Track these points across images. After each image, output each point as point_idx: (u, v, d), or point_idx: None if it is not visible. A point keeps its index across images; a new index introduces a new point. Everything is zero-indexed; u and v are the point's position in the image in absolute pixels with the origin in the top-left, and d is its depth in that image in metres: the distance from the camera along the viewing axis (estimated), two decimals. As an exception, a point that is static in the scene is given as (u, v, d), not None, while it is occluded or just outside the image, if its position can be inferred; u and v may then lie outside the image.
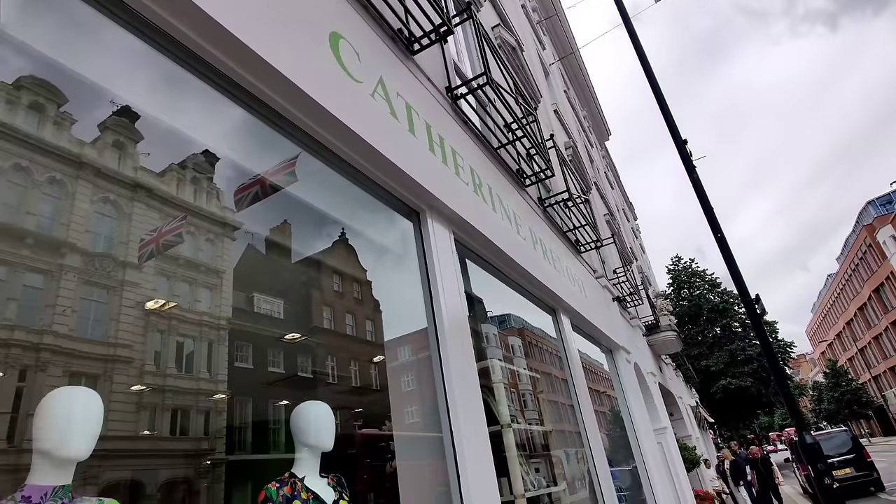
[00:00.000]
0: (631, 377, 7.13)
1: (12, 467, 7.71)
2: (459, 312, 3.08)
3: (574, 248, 6.56)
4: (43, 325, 8.82)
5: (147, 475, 7.62)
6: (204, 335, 11.62)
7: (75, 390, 1.42)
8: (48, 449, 1.30)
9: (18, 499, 1.26)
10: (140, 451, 8.74)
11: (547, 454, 5.45)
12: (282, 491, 1.88)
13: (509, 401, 4.69)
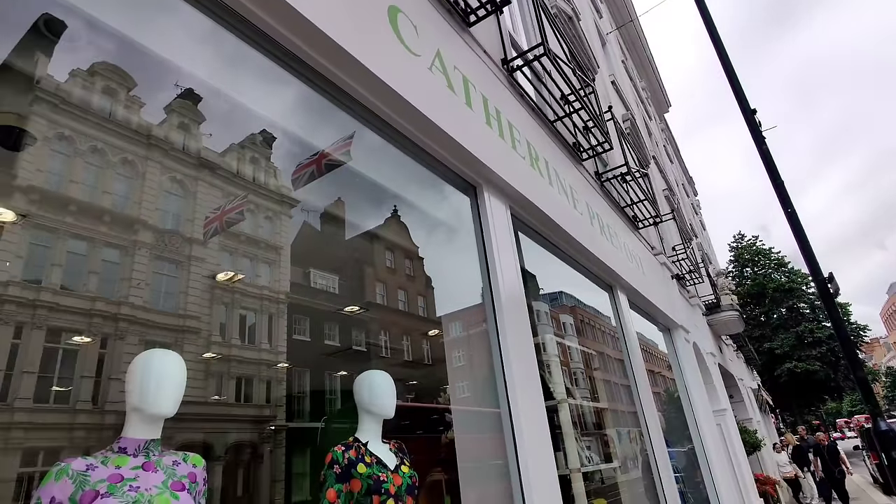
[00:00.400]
0: (689, 356, 6.92)
1: (97, 426, 8.38)
2: (516, 287, 3.06)
3: (632, 224, 6.36)
4: (120, 297, 9.45)
5: (216, 438, 8.12)
6: (264, 308, 12.15)
7: (162, 352, 1.51)
8: (139, 405, 1.40)
9: (116, 449, 1.37)
10: (209, 416, 9.31)
11: (599, 433, 5.40)
12: (347, 454, 1.95)
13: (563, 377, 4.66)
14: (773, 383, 29.02)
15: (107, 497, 1.23)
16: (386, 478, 1.92)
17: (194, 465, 1.49)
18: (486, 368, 2.93)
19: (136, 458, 1.37)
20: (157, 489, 1.32)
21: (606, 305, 5.37)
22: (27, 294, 8.10)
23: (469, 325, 3.25)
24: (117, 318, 8.88)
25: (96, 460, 1.33)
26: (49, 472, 1.27)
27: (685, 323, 7.21)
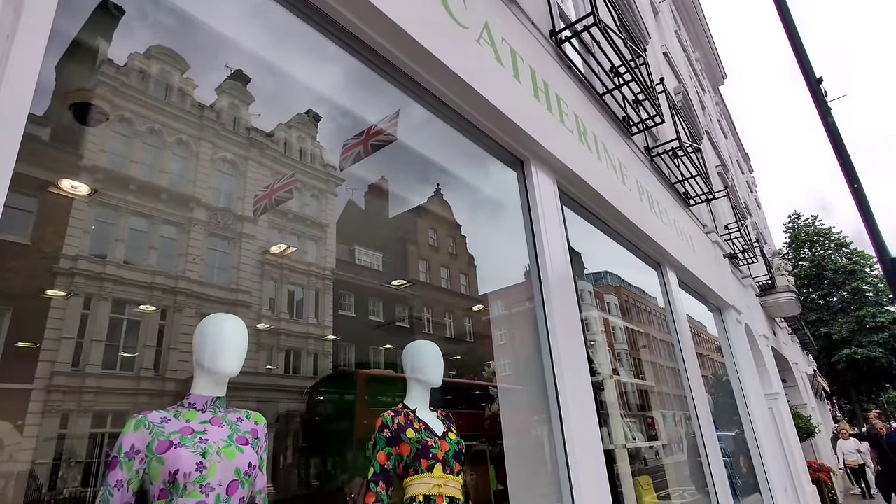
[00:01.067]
0: (741, 338, 6.70)
1: (158, 392, 8.86)
2: (563, 262, 3.04)
3: (683, 201, 6.14)
4: (178, 272, 9.91)
5: (268, 406, 8.49)
6: (311, 284, 12.51)
7: (225, 316, 1.59)
8: (206, 365, 1.49)
9: (186, 405, 1.47)
10: (261, 386, 9.73)
11: (643, 414, 5.35)
12: (396, 419, 2.01)
13: (608, 357, 4.62)
14: (829, 369, 27.74)
15: (179, 447, 1.33)
16: (434, 443, 1.97)
17: (256, 422, 1.57)
18: (529, 346, 2.93)
19: (204, 413, 1.46)
20: (224, 442, 1.41)
21: (652, 287, 5.24)
22: (94, 268, 8.64)
23: (512, 304, 3.25)
24: (175, 292, 9.35)
25: (169, 414, 1.42)
26: (128, 423, 1.38)
27: (737, 303, 6.97)
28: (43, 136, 6.73)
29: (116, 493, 1.29)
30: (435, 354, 2.19)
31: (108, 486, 1.30)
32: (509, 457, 2.62)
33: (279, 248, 11.35)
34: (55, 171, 6.56)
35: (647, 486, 3.48)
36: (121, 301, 9.05)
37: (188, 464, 1.30)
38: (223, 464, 1.34)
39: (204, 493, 1.29)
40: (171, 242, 10.24)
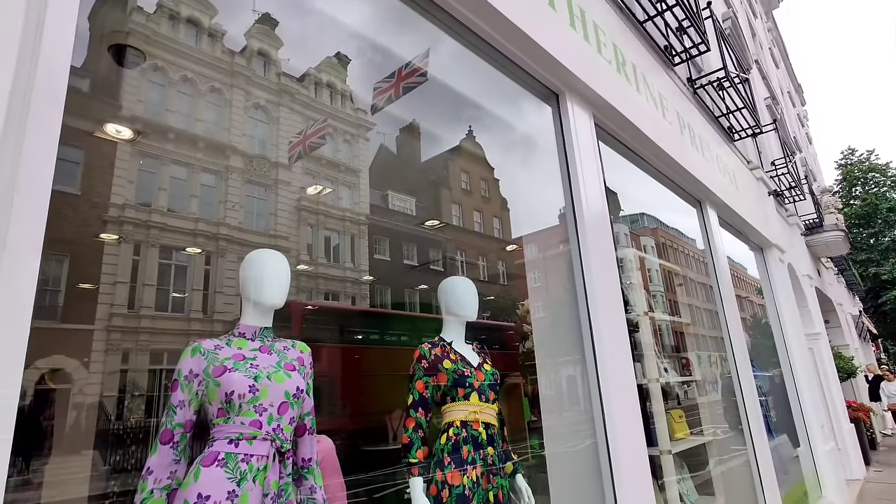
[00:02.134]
0: (783, 278, 6.53)
1: (208, 332, 9.39)
2: (599, 200, 2.99)
3: (726, 136, 5.86)
4: (218, 218, 10.21)
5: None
6: (346, 230, 12.72)
7: (267, 251, 1.66)
8: (253, 298, 1.57)
9: (236, 334, 1.57)
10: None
11: (678, 355, 5.36)
12: (433, 351, 2.09)
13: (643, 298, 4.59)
14: (875, 311, 26.85)
15: (233, 371, 1.43)
16: (469, 373, 2.05)
17: (301, 350, 1.67)
18: (563, 289, 2.94)
19: (254, 342, 1.56)
20: (273, 368, 1.50)
21: (690, 228, 5.12)
22: (141, 215, 8.99)
23: (546, 247, 3.25)
24: (217, 238, 9.68)
25: (221, 342, 1.53)
26: (185, 350, 1.48)
27: (780, 242, 6.75)
28: (83, 87, 6.87)
29: (179, 410, 1.41)
30: (469, 290, 2.24)
31: (172, 405, 1.42)
32: (543, 394, 2.70)
33: (315, 189, 11.53)
34: (97, 122, 6.74)
35: (680, 419, 3.53)
36: (167, 247, 9.43)
37: (241, 386, 1.40)
38: (273, 387, 1.44)
39: (257, 413, 1.40)
40: (210, 190, 10.49)
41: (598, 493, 2.50)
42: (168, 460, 1.37)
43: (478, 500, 1.87)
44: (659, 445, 3.08)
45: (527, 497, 2.08)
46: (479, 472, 1.91)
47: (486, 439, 1.98)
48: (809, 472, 5.49)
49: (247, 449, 1.36)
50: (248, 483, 1.33)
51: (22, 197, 0.85)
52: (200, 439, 1.46)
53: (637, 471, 2.54)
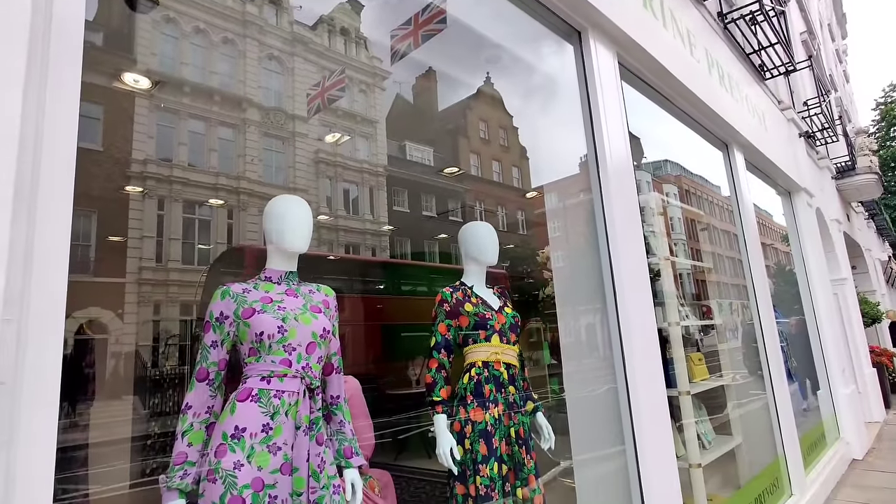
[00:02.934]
0: (810, 222, 6.36)
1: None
2: (622, 142, 2.91)
3: (757, 74, 5.59)
4: (238, 173, 10.26)
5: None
6: (365, 181, 12.70)
7: (289, 198, 1.67)
8: (277, 243, 1.60)
9: (263, 278, 1.60)
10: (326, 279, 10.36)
11: (699, 303, 5.34)
12: (455, 295, 2.12)
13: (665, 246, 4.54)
14: (906, 256, 26.19)
15: (262, 313, 1.47)
16: (491, 316, 2.08)
17: (326, 294, 1.71)
18: (584, 238, 2.92)
19: (280, 285, 1.60)
20: (300, 310, 1.55)
21: (715, 175, 4.97)
22: (163, 171, 9.09)
23: (567, 195, 3.20)
24: (238, 192, 9.77)
25: (249, 286, 1.57)
26: (215, 293, 1.53)
27: (809, 186, 6.54)
28: (97, 41, 6.81)
29: (213, 350, 1.47)
30: (489, 235, 2.24)
31: (206, 346, 1.48)
32: (564, 342, 2.73)
33: (333, 136, 11.46)
34: (113, 76, 6.72)
35: (699, 362, 3.56)
36: (190, 202, 9.56)
37: (271, 327, 1.44)
38: (301, 328, 1.49)
39: (287, 352, 1.45)
40: (228, 144, 10.51)
41: (618, 433, 2.56)
42: (205, 397, 1.45)
43: (499, 436, 1.94)
44: (678, 387, 3.12)
45: (547, 433, 2.15)
46: (501, 410, 1.97)
47: (507, 379, 2.03)
48: (828, 415, 5.54)
49: (278, 385, 1.42)
50: (280, 416, 1.40)
51: (50, 153, 0.86)
52: (234, 381, 1.53)
53: (656, 412, 2.59)
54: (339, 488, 1.51)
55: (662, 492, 2.41)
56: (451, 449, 1.87)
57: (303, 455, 1.39)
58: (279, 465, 1.37)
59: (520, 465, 1.97)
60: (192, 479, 1.36)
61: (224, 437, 1.36)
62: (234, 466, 1.32)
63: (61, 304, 0.84)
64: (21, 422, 0.77)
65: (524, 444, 2.00)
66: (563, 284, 2.94)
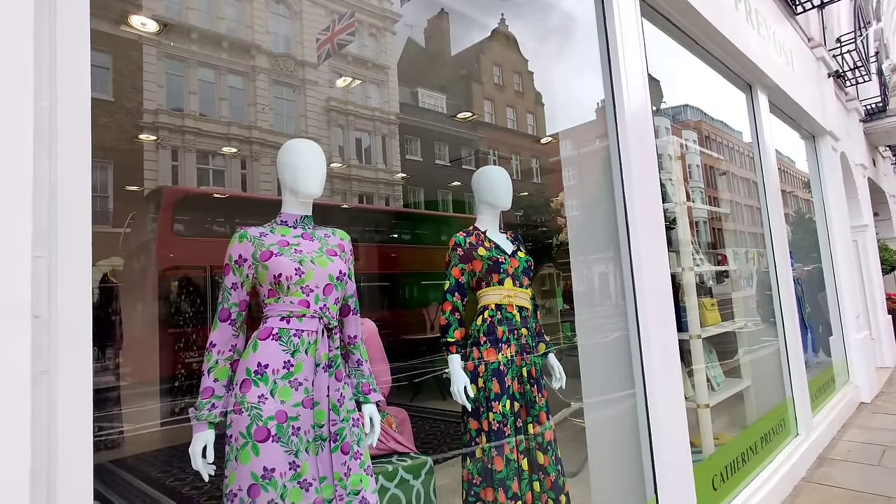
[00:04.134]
0: (833, 167, 6.19)
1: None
2: (641, 85, 2.82)
3: (788, 7, 5.29)
4: (250, 122, 10.18)
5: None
6: (377, 130, 12.55)
7: (302, 142, 1.67)
8: (289, 186, 1.61)
9: (279, 222, 1.63)
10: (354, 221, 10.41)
11: (714, 252, 5.30)
12: (468, 239, 2.13)
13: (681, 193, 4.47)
14: (933, 204, 25.49)
15: (279, 256, 1.50)
16: (504, 260, 2.10)
17: (341, 238, 1.73)
18: (599, 186, 2.88)
19: (295, 229, 1.62)
20: (315, 253, 1.58)
21: (736, 118, 4.81)
22: (174, 121, 9.06)
23: (582, 143, 3.14)
24: (250, 142, 9.74)
25: (266, 229, 1.59)
26: (233, 237, 1.56)
27: (835, 129, 6.30)
28: (100, -15, 6.65)
29: (233, 292, 1.52)
30: (503, 179, 2.23)
31: (226, 288, 1.52)
32: (577, 290, 2.75)
33: (344, 81, 11.24)
34: (119, 22, 6.59)
35: (712, 307, 3.57)
36: (203, 152, 9.54)
37: (288, 269, 1.48)
38: (318, 270, 1.52)
39: (304, 293, 1.49)
40: (238, 93, 10.37)
41: (628, 377, 2.62)
42: (228, 335, 1.51)
43: (512, 375, 2.00)
44: (689, 331, 3.16)
45: (558, 374, 2.21)
46: (514, 351, 2.02)
47: (519, 321, 2.07)
48: (839, 360, 5.58)
49: (297, 325, 1.47)
50: (301, 354, 1.46)
51: (64, 104, 0.86)
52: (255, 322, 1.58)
53: (666, 357, 2.63)
54: (358, 422, 1.58)
55: (670, 431, 2.49)
56: (464, 387, 1.93)
57: (323, 390, 1.46)
58: (301, 399, 1.44)
59: (531, 402, 2.03)
60: (220, 411, 1.44)
61: (248, 372, 1.42)
62: (259, 400, 1.39)
63: (87, 242, 0.87)
64: (59, 352, 0.82)
65: (535, 384, 2.06)
66: (577, 232, 2.93)
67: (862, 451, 3.92)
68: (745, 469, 3.11)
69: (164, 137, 8.71)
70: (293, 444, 1.41)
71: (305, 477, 1.41)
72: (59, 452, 0.81)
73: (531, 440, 2.01)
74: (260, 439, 1.37)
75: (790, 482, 3.40)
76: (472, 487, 1.96)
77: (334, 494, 1.44)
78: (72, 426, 0.83)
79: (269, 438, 1.38)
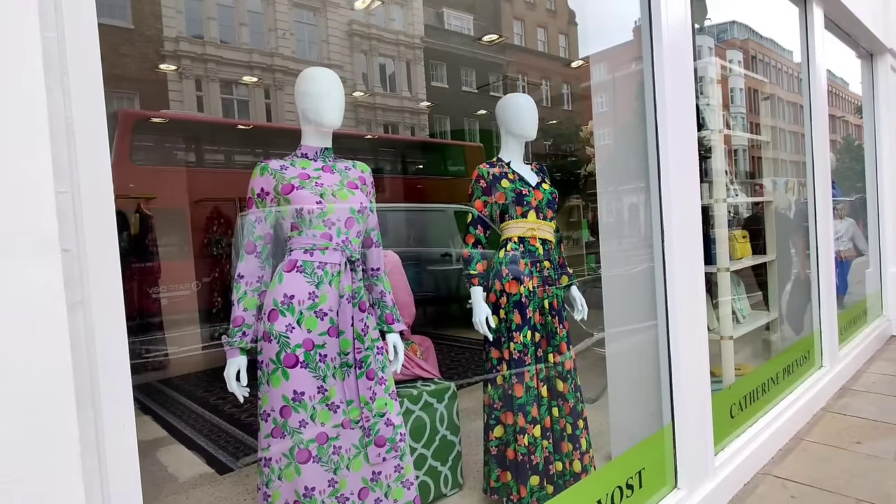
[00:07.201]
0: (890, 89, 5.73)
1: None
2: (682, 6, 2.61)
3: None
4: (271, 49, 9.92)
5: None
6: (401, 55, 12.10)
7: (319, 71, 1.62)
8: (308, 117, 1.58)
9: (299, 154, 1.62)
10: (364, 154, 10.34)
11: (751, 181, 5.10)
12: (491, 171, 2.09)
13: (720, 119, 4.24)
14: None
15: (300, 189, 1.51)
16: (528, 192, 2.07)
17: (362, 171, 1.72)
18: (631, 113, 2.74)
19: (316, 162, 1.61)
20: (337, 186, 1.57)
21: (787, 36, 4.43)
22: (195, 49, 8.90)
23: (616, 66, 2.95)
24: (273, 70, 9.54)
25: (286, 162, 1.59)
26: (255, 170, 1.57)
27: (896, 47, 5.80)
28: None
29: (258, 225, 1.54)
30: (528, 107, 2.15)
31: (251, 221, 1.55)
32: (603, 221, 2.70)
33: (364, 2, 10.75)
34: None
35: (743, 239, 3.48)
36: (227, 81, 9.42)
37: (310, 202, 1.49)
38: (339, 203, 1.52)
39: (327, 226, 1.50)
40: (258, 17, 10.06)
41: (651, 308, 2.61)
42: (254, 267, 1.55)
43: (533, 307, 2.02)
44: (717, 264, 3.10)
45: (580, 305, 2.22)
46: (536, 283, 2.03)
47: (542, 254, 2.06)
48: (874, 293, 5.45)
49: (321, 258, 1.50)
50: (325, 286, 1.49)
51: (72, 34, 0.84)
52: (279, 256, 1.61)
53: (692, 289, 2.60)
54: (383, 350, 1.64)
55: (690, 361, 2.51)
56: (486, 318, 1.96)
57: (347, 320, 1.50)
58: (326, 328, 1.49)
59: (552, 333, 2.07)
60: (251, 338, 1.50)
61: (275, 303, 1.47)
62: (287, 329, 1.45)
63: (107, 175, 0.88)
64: (90, 284, 0.85)
65: (557, 315, 2.09)
66: (606, 162, 2.84)
67: (886, 383, 3.91)
68: (764, 399, 3.15)
69: (187, 67, 8.61)
70: (321, 370, 1.48)
71: (333, 400, 1.49)
72: (99, 373, 0.87)
73: (551, 369, 2.07)
74: (289, 365, 1.44)
75: (809, 412, 3.44)
76: (493, 411, 2.05)
77: (361, 416, 1.52)
78: (109, 350, 0.88)
79: (298, 364, 1.45)
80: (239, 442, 3.10)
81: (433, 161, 8.38)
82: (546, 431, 2.01)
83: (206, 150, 6.65)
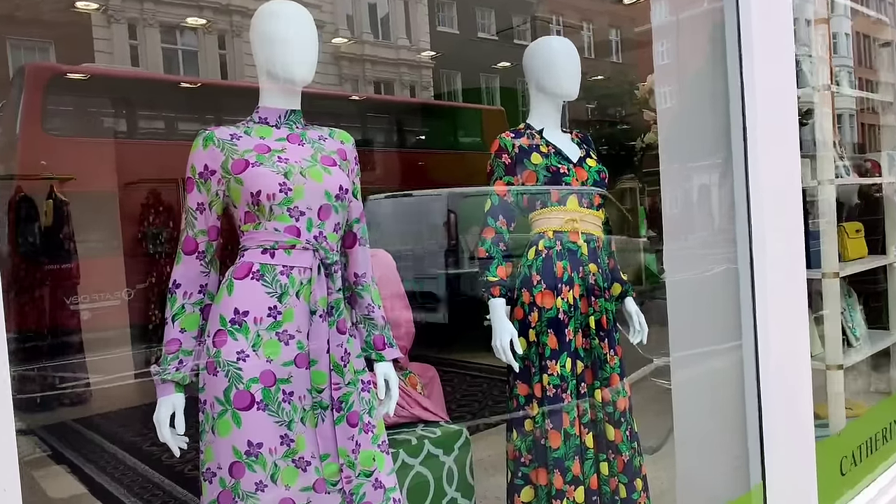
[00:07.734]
0: None
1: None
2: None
3: None
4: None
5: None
6: (398, -9, 12.08)
7: (283, 3, 1.55)
8: (266, 68, 1.53)
9: (256, 119, 1.57)
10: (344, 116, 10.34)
11: (861, 156, 5.05)
12: (517, 142, 2.05)
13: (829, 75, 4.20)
14: None
15: (257, 166, 1.46)
16: (567, 170, 2.02)
17: (342, 141, 1.67)
18: (705, 65, 2.71)
19: (279, 129, 1.57)
20: (307, 162, 1.52)
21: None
22: (131, -16, 8.92)
23: (682, 6, 2.94)
24: (229, 10, 9.54)
25: (239, 130, 1.54)
26: (196, 141, 1.52)
27: None
28: None
29: (199, 215, 1.50)
30: (567, 54, 2.11)
31: (191, 209, 1.50)
32: (668, 212, 2.67)
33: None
34: None
35: (856, 234, 3.44)
36: (169, 26, 9.44)
37: (270, 184, 1.43)
38: (310, 185, 1.47)
39: (293, 217, 1.45)
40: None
41: (733, 326, 2.57)
42: (195, 272, 1.50)
43: (574, 327, 1.97)
44: (822, 267, 3.06)
45: (638, 324, 2.17)
46: (578, 294, 1.98)
47: (586, 254, 2.01)
48: None
49: (285, 260, 1.45)
50: (290, 298, 1.44)
51: None
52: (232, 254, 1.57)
53: (788, 300, 2.56)
54: (370, 385, 1.59)
55: (786, 398, 2.46)
56: (510, 340, 1.92)
57: (322, 345, 1.46)
58: (293, 356, 1.44)
59: (600, 361, 2.03)
60: (189, 369, 1.46)
61: (222, 322, 1.42)
62: (238, 357, 1.40)
63: None
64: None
65: (607, 337, 2.05)
66: (672, 131, 2.83)
67: None
68: (885, 449, 3.10)
69: (116, 7, 8.60)
70: (285, 414, 1.43)
71: (302, 454, 1.45)
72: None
73: (598, 410, 2.03)
74: (241, 407, 1.39)
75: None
76: (520, 467, 2.01)
77: (340, 475, 1.47)
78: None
79: (254, 406, 1.40)
80: (180, 502, 3.10)
81: (439, 130, 8.36)
82: (592, 495, 1.97)
83: (142, 117, 6.65)
